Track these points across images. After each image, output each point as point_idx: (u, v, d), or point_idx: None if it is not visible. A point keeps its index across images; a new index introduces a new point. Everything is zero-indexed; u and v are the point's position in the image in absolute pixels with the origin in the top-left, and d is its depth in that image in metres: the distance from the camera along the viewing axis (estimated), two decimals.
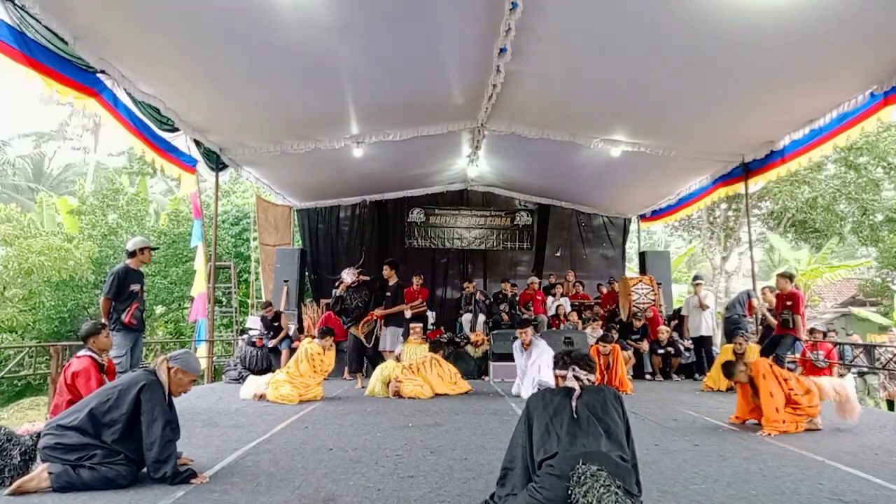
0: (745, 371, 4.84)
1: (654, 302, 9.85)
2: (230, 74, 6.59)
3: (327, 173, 10.49)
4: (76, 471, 2.90)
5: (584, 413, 2.44)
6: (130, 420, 3.04)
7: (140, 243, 5.70)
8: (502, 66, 6.78)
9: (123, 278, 5.45)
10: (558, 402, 2.51)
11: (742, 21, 5.31)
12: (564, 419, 2.42)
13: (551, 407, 2.50)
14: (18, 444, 3.04)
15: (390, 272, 8.21)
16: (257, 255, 13.67)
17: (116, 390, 3.13)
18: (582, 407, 2.46)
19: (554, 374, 2.77)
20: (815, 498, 2.90)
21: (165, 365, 3.26)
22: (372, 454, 3.79)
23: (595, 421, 2.41)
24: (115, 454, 2.99)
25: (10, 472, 2.97)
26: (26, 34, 4.81)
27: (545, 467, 2.31)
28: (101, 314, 5.43)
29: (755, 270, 9.92)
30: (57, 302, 16.12)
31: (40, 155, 31.15)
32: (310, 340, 6.96)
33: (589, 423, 2.40)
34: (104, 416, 3.03)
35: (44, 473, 2.88)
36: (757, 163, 8.76)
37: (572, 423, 2.40)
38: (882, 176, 16.56)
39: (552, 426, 2.42)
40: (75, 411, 3.10)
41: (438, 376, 7.01)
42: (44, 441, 2.98)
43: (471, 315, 10.14)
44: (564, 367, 2.72)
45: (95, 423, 3.01)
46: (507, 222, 13.06)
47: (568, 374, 2.67)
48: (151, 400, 3.09)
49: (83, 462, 2.92)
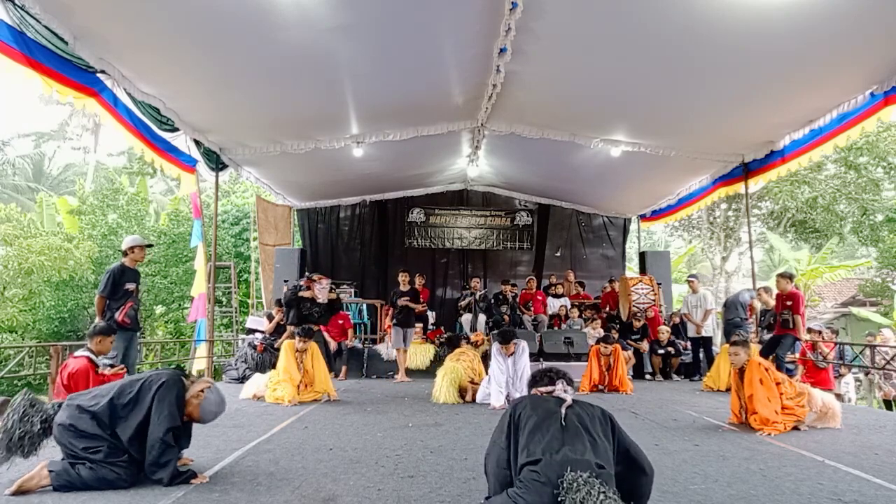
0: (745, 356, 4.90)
1: (654, 302, 9.86)
2: (230, 74, 6.59)
3: (327, 173, 10.50)
4: (75, 468, 2.89)
5: (572, 422, 2.39)
6: (146, 417, 3.00)
7: (132, 241, 5.69)
8: (502, 66, 6.78)
9: (119, 277, 5.45)
10: (548, 409, 2.47)
11: (742, 21, 5.31)
12: (553, 425, 2.37)
13: (540, 412, 2.45)
14: (41, 410, 3.02)
15: (404, 278, 8.55)
16: (257, 255, 13.68)
17: (139, 384, 3.07)
18: (571, 416, 2.42)
19: (539, 392, 2.71)
20: (815, 498, 2.90)
21: (201, 386, 3.19)
22: (372, 454, 3.79)
23: (583, 431, 2.36)
24: (120, 453, 2.97)
25: (30, 440, 2.95)
26: (26, 34, 4.81)
27: (528, 472, 2.24)
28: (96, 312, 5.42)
29: (755, 270, 9.92)
30: (57, 302, 16.13)
31: (40, 155, 31.18)
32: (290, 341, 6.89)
33: (577, 433, 2.35)
34: (122, 409, 3.00)
35: (44, 471, 2.87)
36: (757, 163, 8.76)
37: (560, 431, 2.35)
38: (882, 176, 16.56)
39: (539, 431, 2.36)
40: (99, 395, 3.05)
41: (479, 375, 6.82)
42: (62, 416, 2.96)
43: (471, 315, 10.15)
44: (552, 384, 2.68)
45: (113, 413, 2.99)
46: (507, 222, 13.07)
47: (557, 387, 2.64)
48: (165, 399, 3.02)
49: (88, 455, 2.90)
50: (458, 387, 6.47)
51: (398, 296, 8.44)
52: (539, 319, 10.24)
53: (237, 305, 14.91)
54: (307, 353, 6.40)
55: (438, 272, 12.95)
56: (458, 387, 6.47)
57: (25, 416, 2.97)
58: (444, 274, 13.04)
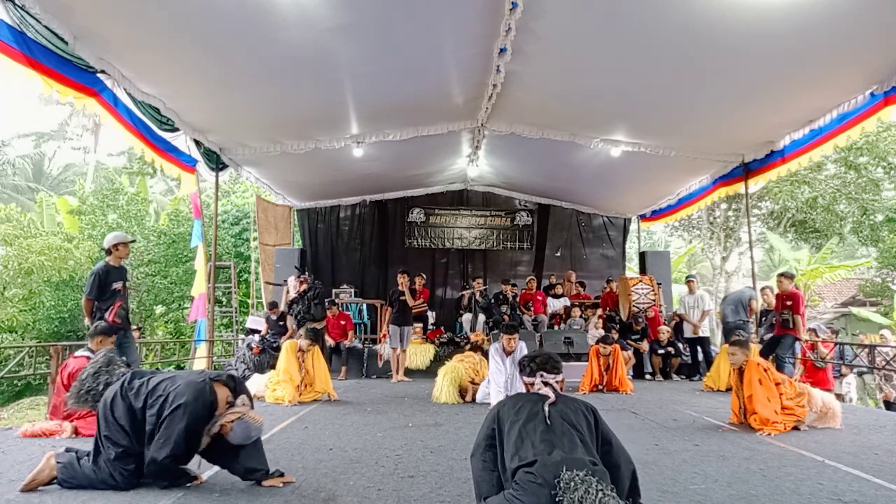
0: (743, 356, 4.90)
1: (654, 302, 9.85)
2: (230, 74, 6.58)
3: (327, 173, 10.50)
4: (80, 463, 2.92)
5: (557, 420, 2.39)
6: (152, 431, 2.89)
7: (115, 239, 5.56)
8: (502, 66, 6.78)
9: (105, 277, 5.36)
10: (530, 408, 2.46)
11: (742, 21, 5.31)
12: (538, 426, 2.37)
13: (523, 413, 2.44)
14: (111, 373, 3.09)
15: (403, 279, 8.53)
16: (257, 255, 13.68)
17: (163, 397, 2.91)
18: (555, 414, 2.42)
19: (523, 382, 2.73)
20: (815, 498, 2.90)
21: (231, 418, 2.93)
22: (372, 454, 3.79)
23: (570, 428, 2.36)
24: (130, 459, 2.90)
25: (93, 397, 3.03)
26: (26, 34, 4.81)
27: (523, 475, 2.23)
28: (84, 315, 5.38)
29: (755, 270, 9.91)
30: (57, 302, 16.12)
31: (40, 155, 31.20)
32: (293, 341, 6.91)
33: (563, 431, 2.35)
34: (146, 415, 2.93)
35: (52, 461, 2.92)
36: (757, 163, 8.76)
37: (546, 430, 2.35)
38: (882, 176, 16.55)
39: (525, 433, 2.36)
40: (148, 384, 2.96)
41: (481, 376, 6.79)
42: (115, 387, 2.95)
43: (471, 315, 10.14)
44: (532, 375, 2.67)
45: (143, 411, 2.95)
46: (507, 222, 13.06)
47: (536, 381, 2.64)
48: (175, 426, 2.82)
49: (103, 447, 2.88)
50: (459, 387, 6.47)
51: (397, 295, 8.44)
52: (539, 319, 10.24)
53: (237, 305, 14.91)
54: (308, 352, 6.41)
55: (438, 272, 12.93)
56: (459, 387, 6.47)
57: (98, 373, 3.06)
58: (444, 274, 13.02)
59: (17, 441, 4.18)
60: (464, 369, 6.60)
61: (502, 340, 6.15)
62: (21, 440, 4.21)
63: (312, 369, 6.39)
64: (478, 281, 10.49)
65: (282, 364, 6.36)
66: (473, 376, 6.63)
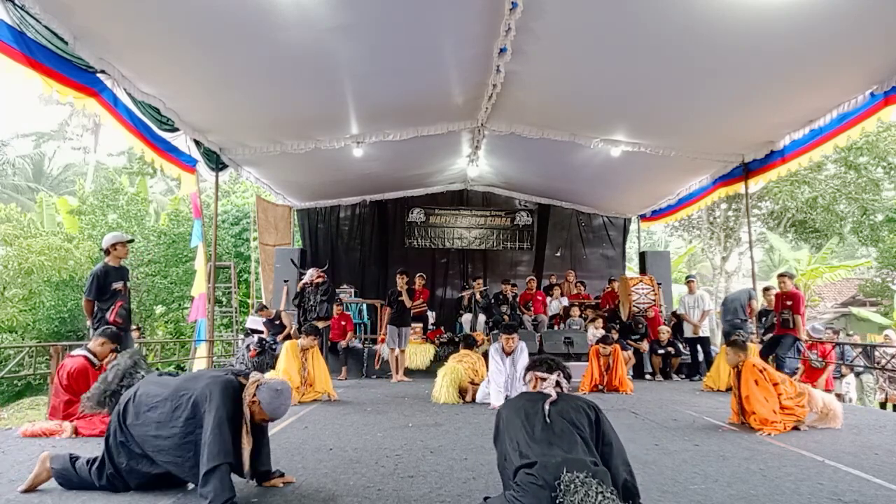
0: (737, 357, 4.92)
1: (654, 302, 9.86)
2: (230, 74, 6.58)
3: (327, 173, 10.50)
4: (76, 467, 2.91)
5: (557, 419, 2.40)
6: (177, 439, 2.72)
7: (113, 239, 5.53)
8: (502, 66, 6.78)
9: (104, 278, 5.34)
10: (530, 408, 2.47)
11: (742, 21, 5.31)
12: (537, 425, 2.38)
13: (522, 412, 2.45)
14: (134, 377, 2.98)
15: (402, 280, 8.51)
16: (257, 255, 13.68)
17: (177, 401, 2.73)
18: (555, 413, 2.42)
19: (533, 375, 2.73)
20: (815, 498, 2.90)
21: (251, 390, 2.81)
22: (372, 454, 3.79)
23: (570, 427, 2.37)
24: (121, 482, 2.83)
25: (108, 397, 2.93)
26: (26, 34, 4.81)
27: (524, 476, 2.24)
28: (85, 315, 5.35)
29: (755, 270, 9.92)
30: (57, 302, 16.12)
31: (40, 155, 31.21)
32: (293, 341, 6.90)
33: (563, 430, 2.35)
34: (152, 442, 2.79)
35: (46, 463, 2.91)
36: (757, 163, 8.76)
37: (546, 430, 2.36)
38: (882, 176, 16.56)
39: (525, 433, 2.37)
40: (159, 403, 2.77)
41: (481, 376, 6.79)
42: (131, 392, 2.82)
43: (471, 315, 10.14)
44: (550, 371, 2.69)
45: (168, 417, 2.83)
46: (507, 222, 13.07)
47: (550, 379, 2.65)
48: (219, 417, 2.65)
49: (105, 456, 2.83)
50: (458, 387, 6.46)
51: (395, 296, 8.43)
52: (539, 319, 10.24)
53: (237, 305, 14.90)
54: (309, 352, 6.40)
55: (438, 272, 12.94)
56: (458, 387, 6.46)
57: (124, 377, 2.95)
58: (444, 274, 13.03)
59: (17, 441, 4.18)
60: (463, 369, 6.59)
61: (501, 340, 6.15)
62: (21, 440, 4.21)
63: (313, 369, 6.39)
64: (478, 281, 10.48)
65: (282, 364, 6.35)
66: (473, 376, 6.62)
